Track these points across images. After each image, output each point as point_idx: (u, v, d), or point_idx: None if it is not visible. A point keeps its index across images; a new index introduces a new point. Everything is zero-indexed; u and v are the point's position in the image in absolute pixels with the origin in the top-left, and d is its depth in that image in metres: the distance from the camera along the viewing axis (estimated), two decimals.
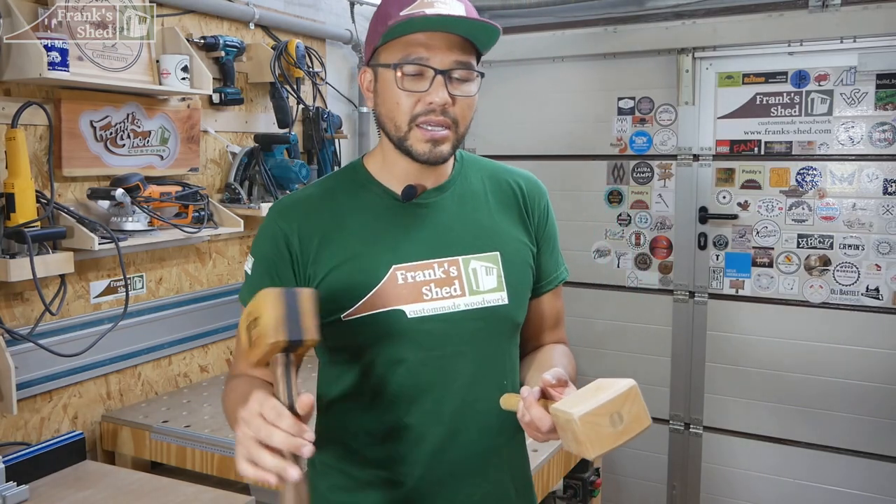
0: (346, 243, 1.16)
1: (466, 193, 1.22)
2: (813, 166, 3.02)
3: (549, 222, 1.29)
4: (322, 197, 1.21)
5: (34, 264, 1.82)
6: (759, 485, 3.19)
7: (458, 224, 1.19)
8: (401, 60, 1.09)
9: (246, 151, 2.60)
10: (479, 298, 1.16)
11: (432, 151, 1.12)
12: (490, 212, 1.23)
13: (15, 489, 1.66)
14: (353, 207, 1.19)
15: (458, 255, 1.17)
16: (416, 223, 1.18)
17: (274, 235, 1.17)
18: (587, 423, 0.95)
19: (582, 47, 3.33)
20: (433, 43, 1.08)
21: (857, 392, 2.98)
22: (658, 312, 3.33)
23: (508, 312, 1.19)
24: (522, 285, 1.23)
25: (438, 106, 1.09)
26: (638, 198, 3.35)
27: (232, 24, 2.59)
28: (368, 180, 1.21)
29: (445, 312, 1.14)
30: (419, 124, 1.10)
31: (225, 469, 1.98)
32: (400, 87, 1.09)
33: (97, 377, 2.18)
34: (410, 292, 1.14)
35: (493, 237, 1.20)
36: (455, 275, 1.16)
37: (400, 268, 1.14)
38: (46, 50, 1.81)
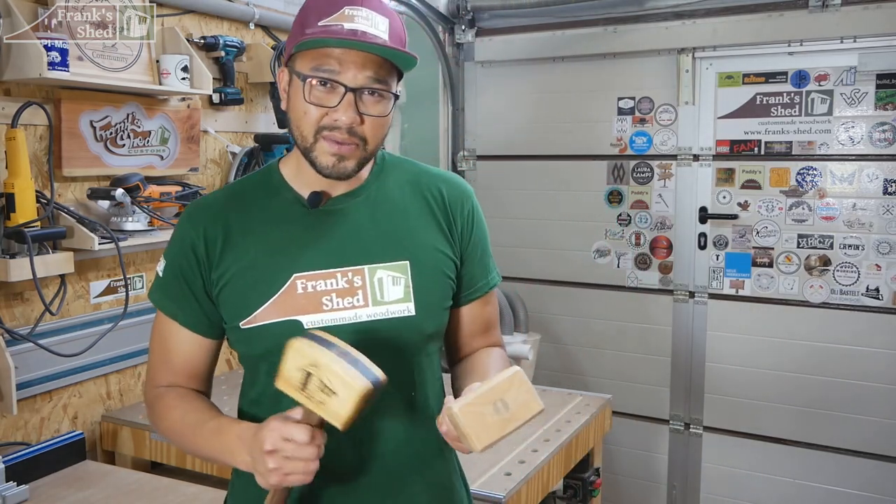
0: (249, 249, 1.13)
1: (381, 199, 1.17)
2: (813, 166, 3.02)
3: (476, 228, 1.23)
4: (230, 200, 1.18)
5: (34, 264, 1.82)
6: (759, 485, 3.19)
7: (366, 231, 1.15)
8: (311, 72, 1.06)
9: (246, 151, 2.60)
10: (384, 309, 1.12)
11: (336, 166, 1.08)
12: (405, 218, 1.17)
13: (15, 489, 1.66)
14: (260, 212, 1.15)
15: (363, 263, 1.12)
16: (323, 230, 1.14)
17: (182, 239, 1.16)
18: (468, 414, 0.94)
19: (582, 47, 3.33)
20: (347, 58, 1.04)
21: (857, 392, 2.98)
22: (658, 312, 3.33)
23: (415, 324, 1.14)
24: (433, 296, 1.16)
25: (345, 125, 1.05)
26: (638, 198, 3.35)
27: (232, 24, 2.59)
28: (281, 185, 1.17)
29: (346, 324, 1.10)
30: (325, 137, 1.07)
31: (225, 469, 1.98)
32: (307, 100, 1.06)
33: (97, 377, 2.18)
34: (309, 302, 1.10)
35: (405, 245, 1.15)
36: (359, 284, 1.12)
37: (301, 276, 1.11)
38: (46, 50, 1.80)
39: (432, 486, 1.21)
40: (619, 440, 3.39)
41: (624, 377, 3.41)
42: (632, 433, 3.38)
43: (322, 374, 0.94)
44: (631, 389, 3.38)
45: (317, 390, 0.94)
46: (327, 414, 0.95)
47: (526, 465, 1.89)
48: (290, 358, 0.96)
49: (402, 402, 1.16)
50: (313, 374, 0.95)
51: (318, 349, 0.95)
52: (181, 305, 1.16)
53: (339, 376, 0.93)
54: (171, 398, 1.17)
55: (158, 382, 1.20)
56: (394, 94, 1.09)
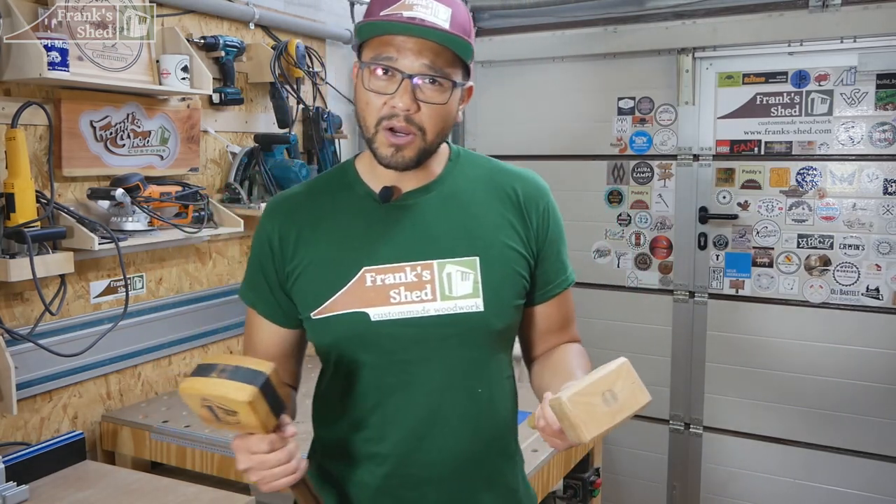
0: (321, 243, 1.17)
1: (453, 194, 1.18)
2: (813, 166, 3.02)
3: (552, 226, 1.23)
4: (306, 196, 1.22)
5: (34, 264, 1.82)
6: (759, 485, 3.19)
7: (437, 226, 1.16)
8: (371, 60, 1.08)
9: (246, 151, 2.60)
10: (452, 304, 1.13)
11: (394, 157, 1.09)
12: (477, 214, 1.18)
13: (15, 489, 1.66)
14: (333, 207, 1.19)
15: (433, 258, 1.14)
16: (393, 225, 1.16)
17: (260, 234, 1.22)
18: (577, 404, 0.94)
19: (582, 47, 3.33)
20: (405, 45, 1.06)
21: (857, 392, 2.98)
22: (658, 312, 3.33)
23: (483, 320, 1.14)
24: (503, 293, 1.16)
25: (401, 111, 1.07)
26: (638, 198, 3.34)
27: (232, 24, 2.59)
28: (355, 180, 1.20)
29: (412, 317, 1.12)
30: (384, 127, 1.08)
31: (225, 469, 1.98)
32: (366, 87, 1.08)
33: (97, 377, 2.18)
34: (377, 295, 1.12)
35: (475, 241, 1.16)
36: (428, 279, 1.13)
37: (370, 270, 1.13)
38: (46, 50, 1.81)
39: (496, 485, 1.23)
40: (619, 440, 3.39)
41: None
42: (632, 433, 3.38)
43: (216, 403, 0.96)
44: None
45: (224, 415, 0.98)
46: (247, 428, 0.99)
47: (526, 465, 1.89)
48: (186, 400, 0.99)
49: (468, 397, 1.17)
50: (211, 404, 0.97)
51: (199, 381, 0.96)
52: (260, 297, 1.22)
53: (227, 398, 0.95)
54: None
55: None
56: (454, 82, 1.09)
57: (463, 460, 1.17)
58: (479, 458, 1.19)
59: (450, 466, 1.17)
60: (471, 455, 1.18)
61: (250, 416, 0.96)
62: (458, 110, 1.15)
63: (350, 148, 3.28)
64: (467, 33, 1.09)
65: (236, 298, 2.86)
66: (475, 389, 1.17)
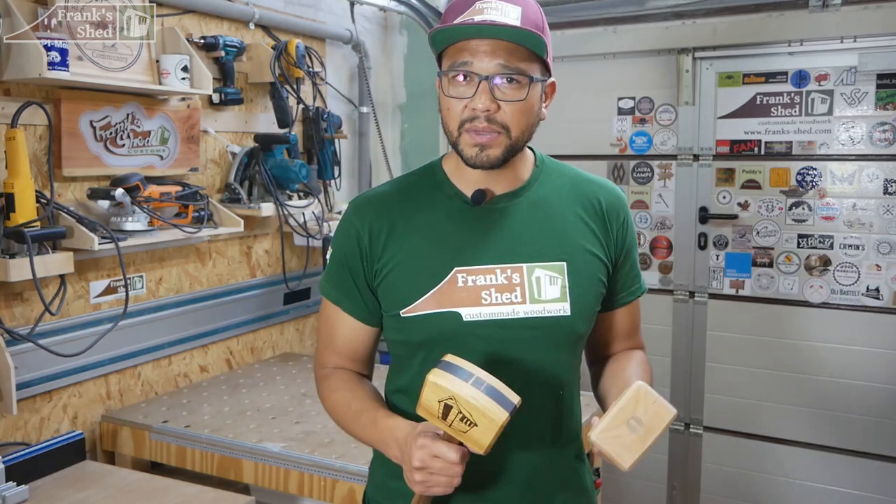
0: (412, 241, 1.18)
1: (541, 200, 1.22)
2: (813, 166, 3.02)
3: (630, 236, 1.28)
4: (396, 194, 1.24)
5: (34, 264, 1.82)
6: (759, 485, 3.19)
7: (526, 231, 1.19)
8: (449, 68, 1.12)
9: (246, 151, 2.60)
10: (540, 307, 1.16)
11: (479, 156, 1.13)
12: (563, 221, 1.21)
13: (15, 489, 1.66)
14: (423, 207, 1.21)
15: (522, 262, 1.17)
16: (484, 227, 1.18)
17: (347, 230, 1.23)
18: (606, 440, 0.98)
19: (582, 47, 3.33)
20: (479, 48, 1.09)
21: (857, 392, 2.98)
22: (658, 312, 3.32)
23: (569, 324, 1.18)
24: (587, 298, 1.20)
25: (481, 112, 1.10)
26: (638, 198, 3.34)
27: (232, 24, 2.59)
28: (444, 181, 1.23)
29: (503, 318, 1.15)
30: (467, 129, 1.12)
31: (225, 469, 1.98)
32: (447, 94, 1.12)
33: (97, 377, 2.18)
34: (469, 295, 1.15)
35: (562, 247, 1.19)
36: (517, 282, 1.16)
37: (462, 270, 1.16)
38: (46, 50, 1.81)
39: (571, 486, 1.27)
40: None
41: None
42: None
43: (462, 408, 0.98)
44: None
45: (458, 421, 0.99)
46: (469, 441, 1.01)
47: None
48: (428, 391, 1.00)
49: (552, 399, 1.21)
50: (453, 406, 0.99)
51: (455, 382, 0.99)
52: (345, 293, 1.24)
53: (479, 410, 0.98)
54: (336, 381, 1.25)
55: (325, 363, 1.29)
56: (531, 77, 1.11)
57: (543, 461, 1.21)
58: (557, 459, 1.23)
59: (530, 467, 1.19)
60: (550, 455, 1.22)
61: (487, 436, 0.98)
62: (541, 106, 1.18)
63: (350, 148, 3.28)
64: (539, 28, 1.12)
65: (237, 298, 2.86)
66: (557, 391, 1.21)
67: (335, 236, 1.27)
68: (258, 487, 1.97)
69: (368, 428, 1.17)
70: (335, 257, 1.25)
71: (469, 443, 1.01)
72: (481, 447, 1.00)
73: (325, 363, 1.29)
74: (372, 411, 1.18)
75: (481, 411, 0.97)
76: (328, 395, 1.26)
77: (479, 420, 0.98)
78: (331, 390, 1.26)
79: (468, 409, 0.98)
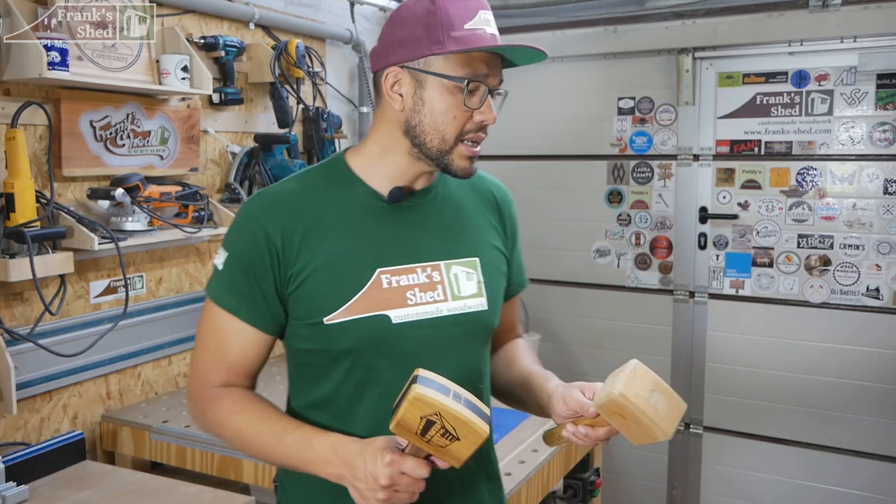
0: (330, 243, 1.12)
1: (448, 197, 1.22)
2: (813, 166, 3.02)
3: (517, 230, 1.32)
4: (304, 193, 1.16)
5: (34, 264, 1.82)
6: (759, 485, 3.19)
7: (440, 229, 1.19)
8: (469, 76, 1.09)
9: (246, 151, 2.60)
10: (461, 304, 1.16)
11: (469, 168, 1.14)
12: (469, 217, 1.23)
13: (15, 489, 1.66)
14: (336, 206, 1.15)
15: (440, 259, 1.16)
16: (401, 226, 1.16)
17: (252, 231, 1.12)
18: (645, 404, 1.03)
19: (582, 47, 3.33)
20: (493, 62, 1.11)
21: (857, 392, 2.98)
22: (658, 312, 3.33)
23: (487, 318, 1.20)
24: (498, 291, 1.23)
25: (491, 122, 1.12)
26: (638, 198, 3.34)
27: (232, 24, 2.59)
28: (352, 179, 1.17)
29: (429, 318, 1.14)
30: (464, 140, 1.12)
31: (225, 469, 1.98)
32: (466, 105, 1.10)
33: (97, 377, 2.18)
34: (395, 296, 1.12)
35: (473, 242, 1.21)
36: (438, 280, 1.15)
37: (385, 271, 1.12)
38: (46, 50, 1.80)
39: (493, 478, 1.28)
40: (619, 440, 3.35)
41: None
42: None
43: (447, 423, 0.96)
44: None
45: (438, 436, 0.97)
46: (446, 456, 0.98)
47: (526, 465, 1.89)
48: (412, 408, 0.96)
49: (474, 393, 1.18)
50: (436, 422, 0.96)
51: (440, 397, 0.96)
52: (244, 301, 1.13)
53: (465, 424, 0.96)
54: (234, 401, 1.15)
55: (211, 382, 1.17)
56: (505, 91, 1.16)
57: None
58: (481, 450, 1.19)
59: None
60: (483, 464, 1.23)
61: (469, 449, 0.97)
62: None
63: None
64: None
65: None
66: (478, 384, 1.21)
67: (232, 237, 1.15)
68: (258, 487, 1.97)
69: (298, 448, 1.08)
70: (234, 261, 1.13)
71: (446, 457, 0.98)
72: (459, 461, 0.98)
73: (211, 381, 1.16)
74: (299, 430, 1.10)
75: (467, 425, 0.95)
76: (227, 418, 1.14)
77: (464, 434, 0.96)
78: (231, 412, 1.13)
79: (454, 423, 0.96)
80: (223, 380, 1.16)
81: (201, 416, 1.18)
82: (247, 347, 1.16)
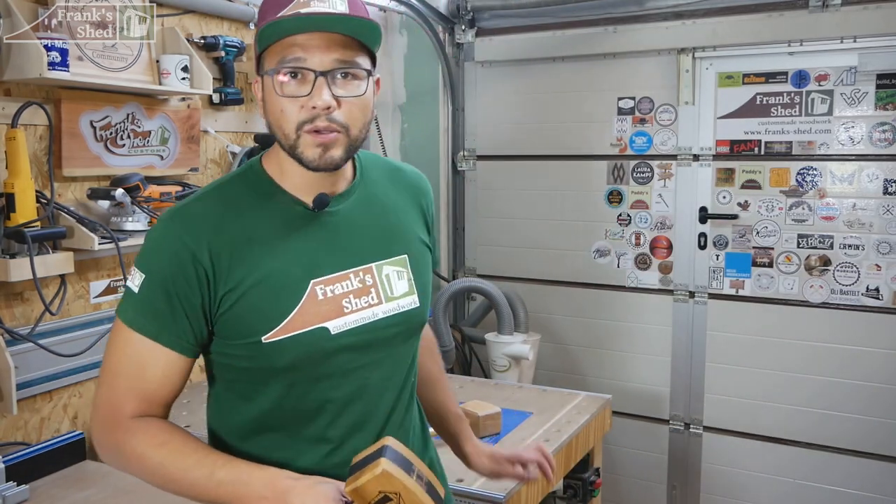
0: (260, 259, 1.07)
1: (370, 197, 1.19)
2: (813, 166, 3.02)
3: (433, 216, 1.31)
4: (227, 208, 1.09)
5: (34, 264, 1.82)
6: (759, 485, 3.19)
7: (366, 230, 1.16)
8: (278, 65, 1.03)
9: (246, 151, 2.60)
10: (395, 304, 1.16)
11: (322, 158, 1.05)
12: (394, 214, 1.21)
13: (15, 489, 1.66)
14: (261, 219, 1.10)
15: (370, 262, 1.15)
16: (328, 233, 1.12)
17: (176, 251, 1.04)
18: None
19: (582, 47, 3.33)
20: (311, 43, 1.02)
21: (857, 392, 2.98)
22: (658, 312, 3.33)
23: (420, 315, 1.20)
24: (427, 285, 1.23)
25: (322, 110, 1.02)
26: (638, 198, 3.34)
27: (232, 23, 2.59)
28: (273, 188, 1.12)
29: (366, 323, 1.12)
30: (307, 131, 1.04)
31: None
32: (279, 94, 1.03)
33: (97, 377, 2.18)
34: (332, 307, 1.09)
35: (400, 240, 1.20)
36: (370, 283, 1.14)
37: (319, 282, 1.09)
38: (46, 50, 1.81)
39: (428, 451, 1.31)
40: (619, 440, 3.39)
41: (624, 377, 3.41)
42: (632, 433, 3.38)
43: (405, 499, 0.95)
44: (631, 389, 3.38)
45: None
46: None
47: None
48: (375, 480, 0.94)
49: (404, 387, 1.22)
50: (393, 499, 0.95)
51: (404, 477, 0.96)
52: (165, 325, 1.06)
53: None
54: (153, 434, 1.06)
55: (126, 413, 1.07)
56: (367, 70, 1.06)
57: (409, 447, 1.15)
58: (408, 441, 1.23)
59: None
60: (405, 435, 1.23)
61: None
62: (374, 103, 1.11)
63: None
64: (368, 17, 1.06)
65: None
66: (410, 379, 1.24)
67: (150, 257, 1.06)
68: None
69: (230, 484, 1.01)
70: (153, 282, 1.04)
71: None
72: None
73: (126, 412, 1.07)
74: (231, 464, 1.03)
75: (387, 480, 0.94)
76: (146, 451, 1.04)
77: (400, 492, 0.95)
78: (150, 445, 1.04)
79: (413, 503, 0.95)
80: (138, 410, 1.07)
81: (114, 450, 1.08)
82: (168, 374, 1.08)
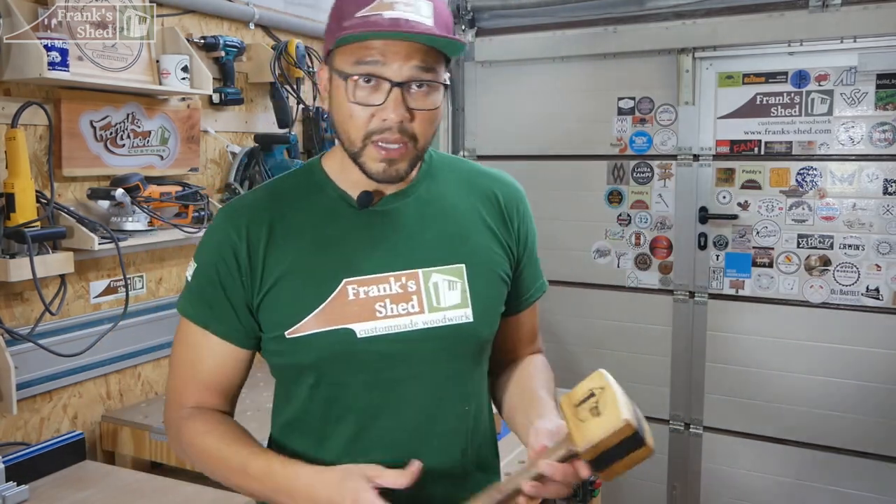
0: (294, 251, 1.05)
1: (432, 199, 1.11)
2: (813, 166, 3.02)
3: (530, 230, 1.19)
4: (271, 198, 1.09)
5: (34, 264, 1.82)
6: (759, 485, 3.19)
7: (419, 233, 1.08)
8: (353, 68, 0.98)
9: (246, 151, 2.60)
10: (440, 315, 1.05)
11: (387, 171, 1.01)
12: (458, 219, 1.11)
13: (15, 489, 1.66)
14: (302, 209, 1.07)
15: (417, 267, 1.06)
16: (373, 232, 1.06)
17: (220, 242, 1.07)
18: None
19: (582, 47, 3.33)
20: (390, 49, 0.96)
21: (857, 392, 2.98)
22: (658, 312, 3.33)
23: (473, 330, 1.08)
24: (491, 300, 1.11)
25: (395, 123, 0.98)
26: (638, 198, 3.34)
27: (232, 24, 2.59)
28: (324, 182, 1.09)
29: (400, 332, 1.04)
30: (374, 142, 0.99)
31: None
32: (351, 100, 0.98)
33: (97, 377, 2.18)
34: (362, 309, 1.03)
35: (460, 247, 1.09)
36: (413, 290, 1.05)
37: (352, 282, 1.04)
38: (46, 50, 1.80)
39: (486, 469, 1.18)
40: None
41: (624, 377, 3.36)
42: None
43: (602, 396, 0.92)
44: (631, 389, 3.34)
45: (586, 409, 0.92)
46: (579, 434, 0.91)
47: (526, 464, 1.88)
48: (589, 379, 0.95)
49: (456, 415, 1.11)
50: (596, 395, 0.93)
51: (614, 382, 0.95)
52: (215, 314, 1.07)
53: (615, 402, 0.91)
54: (202, 422, 1.07)
55: (184, 402, 1.10)
56: (443, 83, 1.02)
57: (450, 479, 1.10)
58: (465, 477, 1.13)
59: (437, 487, 1.07)
60: (458, 474, 1.12)
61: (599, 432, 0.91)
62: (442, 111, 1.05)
63: None
64: (451, 28, 1.02)
65: None
66: (463, 406, 1.12)
67: (201, 248, 1.10)
68: None
69: (261, 478, 1.00)
70: (202, 273, 1.07)
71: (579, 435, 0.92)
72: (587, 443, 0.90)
73: (185, 401, 1.09)
74: (262, 458, 1.01)
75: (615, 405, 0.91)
76: (194, 439, 1.06)
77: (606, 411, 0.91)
78: (197, 433, 1.06)
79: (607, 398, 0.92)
80: (197, 399, 1.09)
81: (175, 438, 1.10)
82: (220, 364, 1.09)
